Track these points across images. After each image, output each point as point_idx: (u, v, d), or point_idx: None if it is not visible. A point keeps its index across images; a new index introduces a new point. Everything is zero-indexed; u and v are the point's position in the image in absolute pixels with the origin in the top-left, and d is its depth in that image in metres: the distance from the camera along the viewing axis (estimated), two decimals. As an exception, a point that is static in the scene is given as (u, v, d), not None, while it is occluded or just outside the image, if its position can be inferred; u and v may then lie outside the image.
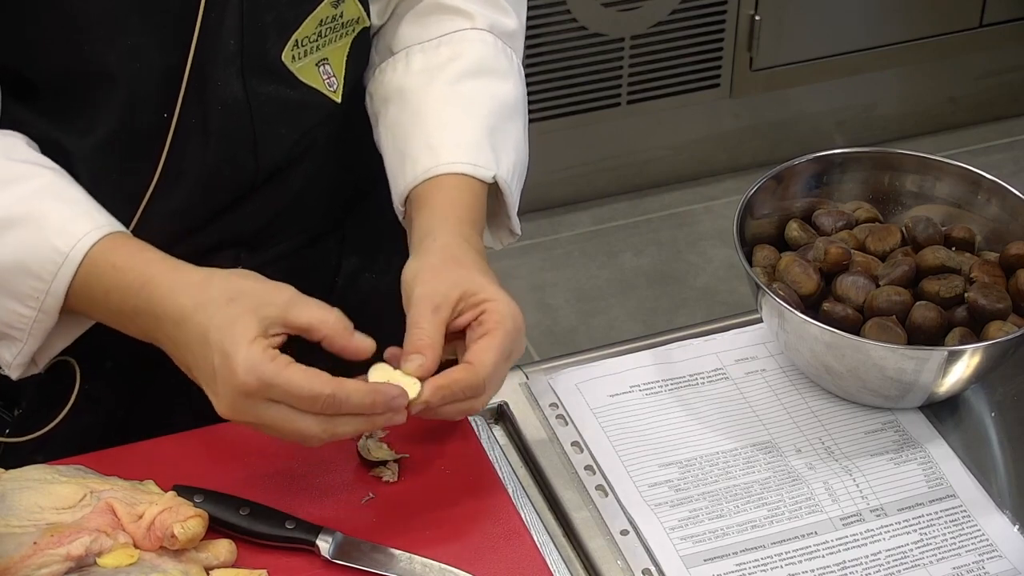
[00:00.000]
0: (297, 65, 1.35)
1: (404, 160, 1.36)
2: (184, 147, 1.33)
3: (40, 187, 1.25)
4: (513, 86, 1.42)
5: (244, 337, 1.16)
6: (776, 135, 3.22)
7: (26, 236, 1.23)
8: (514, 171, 1.38)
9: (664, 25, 3.00)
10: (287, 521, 1.22)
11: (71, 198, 1.26)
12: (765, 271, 1.39)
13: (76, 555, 1.15)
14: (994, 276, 1.37)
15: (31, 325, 1.25)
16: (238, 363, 1.15)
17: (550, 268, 3.03)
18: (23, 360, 1.28)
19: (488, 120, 1.38)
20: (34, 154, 1.29)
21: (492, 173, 1.35)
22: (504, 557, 1.22)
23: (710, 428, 1.36)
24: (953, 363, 1.30)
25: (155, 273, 1.22)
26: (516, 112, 1.42)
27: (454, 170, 1.34)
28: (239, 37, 1.31)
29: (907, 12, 3.17)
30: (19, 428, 1.39)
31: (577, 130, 3.06)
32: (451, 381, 1.21)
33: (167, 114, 1.31)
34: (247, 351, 1.15)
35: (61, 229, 1.23)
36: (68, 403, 1.37)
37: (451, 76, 1.39)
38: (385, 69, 1.43)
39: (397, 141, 1.38)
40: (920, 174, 1.47)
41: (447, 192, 1.33)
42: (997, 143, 3.34)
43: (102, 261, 1.23)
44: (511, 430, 1.36)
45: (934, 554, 1.25)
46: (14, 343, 1.27)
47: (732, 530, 1.27)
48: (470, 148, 1.35)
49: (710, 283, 3.01)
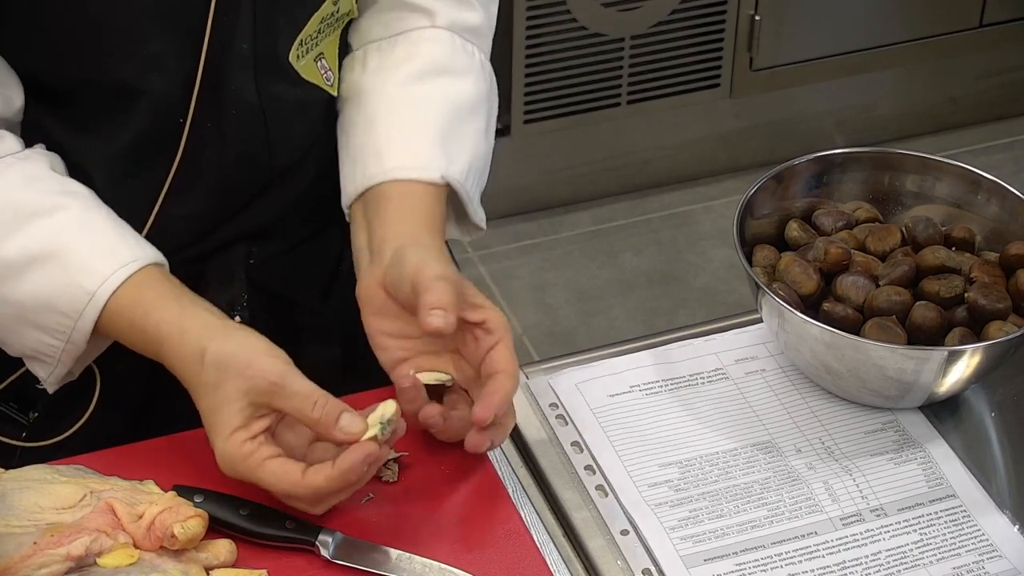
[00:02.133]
0: (300, 63, 1.36)
1: (354, 164, 1.37)
2: (200, 151, 1.33)
3: (66, 221, 1.26)
4: (472, 83, 1.41)
5: (225, 430, 1.19)
6: (776, 135, 3.21)
7: (52, 273, 1.25)
8: (469, 170, 1.38)
9: (664, 25, 3.00)
10: (287, 521, 1.22)
11: (97, 230, 1.27)
12: (765, 271, 1.39)
13: (76, 555, 1.15)
14: (994, 276, 1.37)
15: (60, 354, 1.27)
16: (218, 454, 1.20)
17: (550, 268, 3.03)
18: (56, 379, 1.30)
19: (439, 122, 1.37)
20: (59, 181, 1.29)
21: (440, 175, 1.34)
22: (504, 557, 1.22)
23: (710, 428, 1.36)
24: (953, 363, 1.30)
25: (163, 340, 1.23)
26: (475, 110, 1.41)
27: (399, 176, 1.34)
28: (251, 41, 1.32)
29: (907, 12, 3.17)
30: (36, 431, 1.40)
31: (577, 130, 3.06)
32: (499, 387, 1.23)
33: (182, 119, 1.31)
34: (223, 446, 1.20)
35: (88, 268, 1.24)
36: (89, 406, 1.37)
37: (405, 78, 1.39)
38: (344, 67, 1.43)
39: (349, 143, 1.39)
40: (920, 174, 1.47)
41: (398, 203, 1.33)
42: (997, 143, 3.33)
43: (125, 303, 1.24)
44: (511, 430, 1.36)
45: (934, 554, 1.25)
46: (46, 366, 1.29)
47: (732, 530, 1.27)
48: (418, 153, 1.35)
49: (710, 283, 3.01)
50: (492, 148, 1.44)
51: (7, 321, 1.27)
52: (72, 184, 1.30)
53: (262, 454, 1.19)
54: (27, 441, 1.39)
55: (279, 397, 1.19)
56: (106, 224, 1.28)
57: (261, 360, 1.20)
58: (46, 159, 1.30)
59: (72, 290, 1.24)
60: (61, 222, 1.26)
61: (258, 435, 1.20)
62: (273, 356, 1.21)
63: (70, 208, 1.27)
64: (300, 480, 1.18)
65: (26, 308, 1.26)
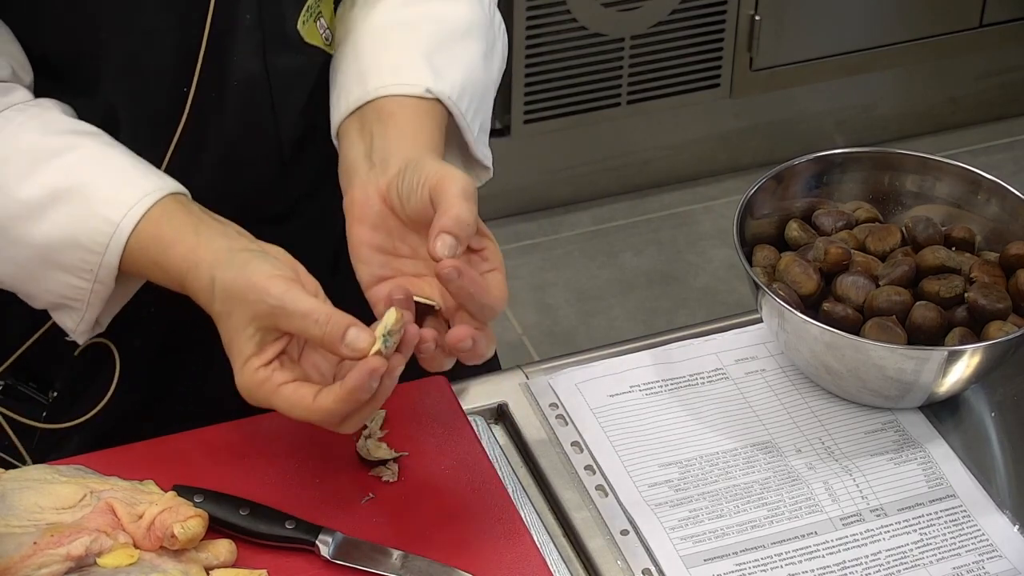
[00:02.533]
0: (305, 28, 1.34)
1: (339, 92, 1.33)
2: (203, 123, 1.32)
3: (83, 157, 1.25)
4: (466, 7, 1.37)
5: (240, 359, 1.18)
6: (776, 135, 3.21)
7: (74, 209, 1.23)
8: (464, 90, 1.32)
9: (664, 25, 3.00)
10: (287, 521, 1.22)
11: (116, 165, 1.25)
12: (765, 271, 1.39)
13: (76, 555, 1.15)
14: (994, 276, 1.37)
15: (88, 296, 1.25)
16: (237, 383, 1.18)
17: (550, 268, 3.03)
18: (86, 327, 1.28)
19: (428, 40, 1.33)
20: (71, 122, 1.28)
21: (424, 88, 1.29)
22: (504, 557, 1.22)
23: (710, 428, 1.36)
24: (953, 363, 1.30)
25: (184, 276, 1.22)
26: (471, 33, 1.36)
27: (383, 93, 1.29)
28: (256, 11, 1.30)
29: (907, 12, 3.17)
30: (55, 412, 1.39)
31: (577, 130, 3.06)
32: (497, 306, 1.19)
33: (186, 89, 1.30)
34: (239, 375, 1.18)
35: (109, 199, 1.23)
36: (109, 385, 1.36)
37: (391, 4, 1.36)
38: (337, 14, 1.40)
39: (335, 75, 1.35)
40: (920, 174, 1.47)
41: (403, 118, 1.29)
42: (997, 143, 3.34)
43: (147, 241, 1.22)
44: (511, 430, 1.36)
45: (934, 554, 1.25)
46: (74, 312, 1.27)
47: (732, 530, 1.27)
48: (400, 69, 1.30)
49: (710, 283, 3.01)
50: (496, 82, 1.39)
51: (32, 266, 1.25)
52: (85, 125, 1.28)
53: (276, 380, 1.17)
54: (47, 422, 1.39)
55: (282, 318, 1.16)
56: (124, 158, 1.26)
57: (261, 283, 1.17)
58: (57, 105, 1.29)
59: (95, 222, 1.22)
60: (79, 158, 1.24)
61: (272, 360, 1.17)
62: (274, 277, 1.17)
63: (86, 146, 1.26)
64: (311, 404, 1.16)
65: (50, 248, 1.23)
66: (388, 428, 1.31)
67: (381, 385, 1.16)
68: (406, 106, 1.29)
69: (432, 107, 1.30)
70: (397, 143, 1.26)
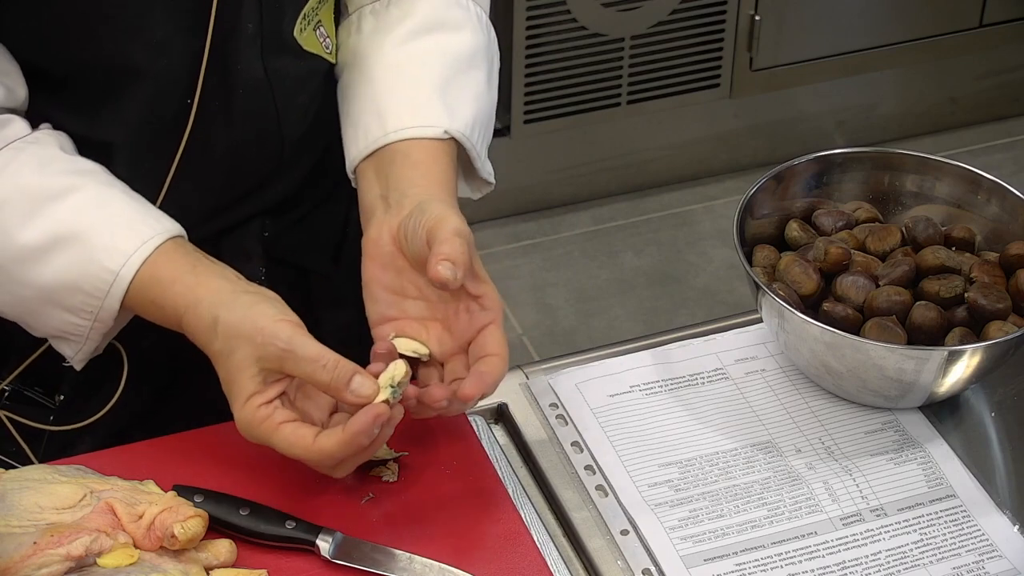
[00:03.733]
0: (303, 36, 1.36)
1: (356, 128, 1.36)
2: (208, 130, 1.33)
3: (83, 201, 1.26)
4: (470, 36, 1.40)
5: (241, 396, 1.20)
6: (776, 135, 3.21)
7: (74, 255, 1.24)
8: (475, 122, 1.37)
9: (664, 25, 3.00)
10: (287, 521, 1.22)
11: (115, 208, 1.27)
12: (765, 271, 1.39)
13: (76, 555, 1.15)
14: (994, 276, 1.37)
15: (88, 332, 1.27)
16: (236, 420, 1.21)
17: (550, 268, 3.03)
18: (84, 356, 1.30)
19: (438, 77, 1.36)
20: (71, 161, 1.29)
21: (442, 130, 1.33)
22: (504, 557, 1.22)
23: (710, 428, 1.36)
24: (953, 363, 1.30)
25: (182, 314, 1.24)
26: (474, 62, 1.40)
27: (403, 136, 1.33)
28: (258, 19, 1.32)
29: (907, 12, 3.17)
30: (63, 415, 1.39)
31: (577, 130, 3.06)
32: (492, 369, 1.23)
33: (190, 100, 1.31)
34: (240, 412, 1.20)
35: (110, 247, 1.24)
36: (116, 388, 1.37)
37: (401, 37, 1.38)
38: (340, 32, 1.42)
39: (350, 108, 1.38)
40: (920, 174, 1.47)
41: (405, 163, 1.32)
42: (997, 143, 3.34)
43: (145, 282, 1.25)
44: (511, 430, 1.36)
45: (934, 554, 1.25)
46: (73, 344, 1.29)
47: (732, 530, 1.27)
48: (418, 109, 1.34)
49: (710, 283, 3.01)
50: (496, 100, 1.43)
51: (33, 304, 1.27)
52: (84, 163, 1.29)
53: (276, 418, 1.19)
54: (54, 425, 1.39)
55: (289, 362, 1.19)
56: (123, 201, 1.27)
57: (270, 326, 1.20)
58: (55, 139, 1.30)
59: (95, 270, 1.24)
60: (78, 202, 1.26)
61: (273, 399, 1.20)
62: (281, 321, 1.20)
63: (86, 188, 1.27)
64: (311, 444, 1.18)
65: (52, 291, 1.25)
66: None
67: (380, 432, 1.20)
68: (423, 147, 1.33)
69: (448, 145, 1.34)
70: (412, 183, 1.30)
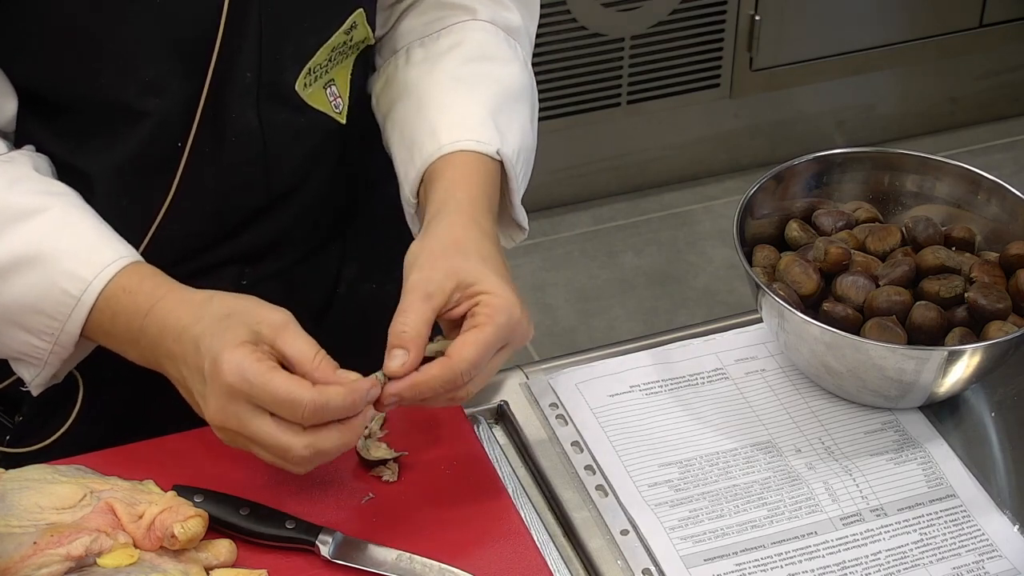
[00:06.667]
0: (308, 91, 1.35)
1: (411, 150, 1.35)
2: (197, 174, 1.32)
3: (47, 223, 1.25)
4: (518, 71, 1.40)
5: (233, 342, 1.16)
6: (776, 135, 3.22)
7: (36, 278, 1.24)
8: (519, 154, 1.36)
9: (664, 25, 3.00)
10: (287, 521, 1.22)
11: (79, 233, 1.26)
12: (765, 271, 1.39)
13: (76, 555, 1.15)
14: (994, 276, 1.37)
15: (47, 356, 1.27)
16: (224, 363, 1.15)
17: (550, 268, 3.03)
18: (42, 381, 1.29)
19: (491, 100, 1.36)
20: (41, 181, 1.28)
21: (496, 148, 1.32)
22: (504, 557, 1.22)
23: (710, 428, 1.36)
24: (953, 363, 1.30)
25: (162, 295, 1.22)
26: (522, 97, 1.39)
27: (457, 148, 1.32)
28: (256, 69, 1.31)
29: (907, 12, 3.17)
30: (20, 435, 1.39)
31: (577, 130, 3.06)
32: (429, 378, 1.19)
33: (181, 143, 1.31)
34: (232, 352, 1.15)
35: (71, 272, 1.23)
36: (71, 414, 1.37)
37: (453, 62, 1.38)
38: (387, 68, 1.42)
39: (404, 134, 1.37)
40: (920, 174, 1.47)
41: (456, 170, 1.31)
42: (997, 143, 3.34)
43: (113, 288, 1.23)
44: (511, 430, 1.36)
45: (934, 554, 1.25)
46: (33, 367, 1.28)
47: (732, 530, 1.27)
48: (473, 126, 1.33)
49: (710, 283, 3.01)
50: (536, 143, 1.42)
51: None
52: (55, 185, 1.29)
53: (271, 363, 1.16)
54: (10, 446, 1.39)
55: (282, 340, 1.17)
56: (87, 225, 1.27)
57: (266, 307, 1.19)
58: (30, 160, 1.30)
59: (56, 294, 1.23)
60: (42, 224, 1.25)
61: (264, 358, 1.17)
62: (278, 309, 1.19)
63: (51, 209, 1.26)
64: (311, 387, 1.15)
65: (12, 311, 1.25)
66: (388, 428, 1.31)
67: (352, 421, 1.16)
68: (467, 160, 1.32)
69: (494, 167, 1.33)
70: (436, 201, 1.29)
